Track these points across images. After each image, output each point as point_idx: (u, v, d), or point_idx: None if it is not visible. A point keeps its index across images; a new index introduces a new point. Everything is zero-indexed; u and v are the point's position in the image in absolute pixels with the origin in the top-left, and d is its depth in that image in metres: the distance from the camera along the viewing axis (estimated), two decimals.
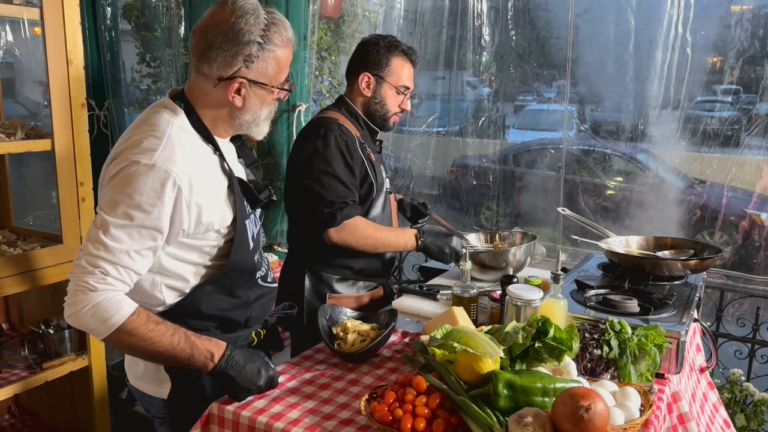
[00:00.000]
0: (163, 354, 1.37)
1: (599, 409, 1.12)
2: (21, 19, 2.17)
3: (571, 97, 3.45)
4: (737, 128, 2.84)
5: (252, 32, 1.39)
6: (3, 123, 2.34)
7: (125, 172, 1.33)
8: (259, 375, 1.44)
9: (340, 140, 2.02)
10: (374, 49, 2.11)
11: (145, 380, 1.57)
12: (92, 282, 1.30)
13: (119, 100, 3.84)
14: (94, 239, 1.32)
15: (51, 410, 2.72)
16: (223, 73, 1.41)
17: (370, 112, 2.17)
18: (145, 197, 1.32)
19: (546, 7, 3.55)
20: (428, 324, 1.78)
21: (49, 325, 2.39)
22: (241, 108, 1.47)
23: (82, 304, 1.30)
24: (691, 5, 2.77)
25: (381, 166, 2.22)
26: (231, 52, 1.39)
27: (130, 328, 1.32)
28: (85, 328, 1.34)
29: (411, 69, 2.17)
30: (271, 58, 1.43)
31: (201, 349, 1.39)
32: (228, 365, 1.40)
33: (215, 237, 1.47)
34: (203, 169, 1.42)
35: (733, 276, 2.82)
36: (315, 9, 3.26)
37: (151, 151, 1.34)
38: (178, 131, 1.41)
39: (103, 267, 1.31)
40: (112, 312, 1.30)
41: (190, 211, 1.38)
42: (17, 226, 2.62)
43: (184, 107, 1.46)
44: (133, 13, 3.91)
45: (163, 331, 1.36)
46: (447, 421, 1.24)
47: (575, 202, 3.53)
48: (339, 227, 1.99)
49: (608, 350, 1.49)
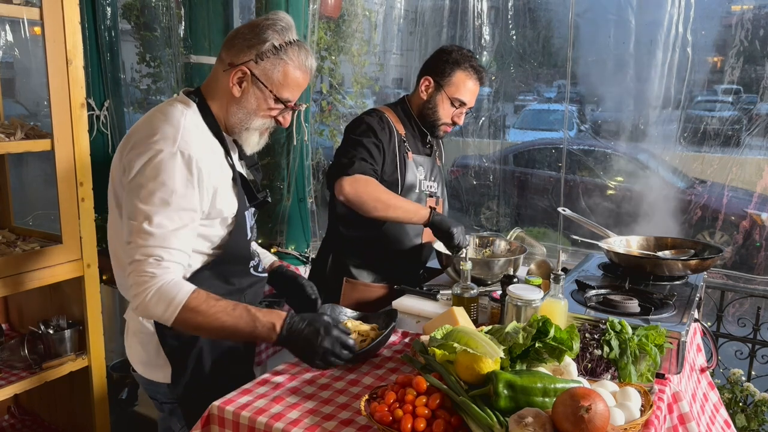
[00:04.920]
0: (229, 328, 1.42)
1: (600, 410, 1.12)
2: (21, 18, 2.16)
3: (571, 97, 3.45)
4: (738, 128, 2.84)
5: (273, 37, 1.50)
6: (3, 123, 2.34)
7: (152, 162, 1.40)
8: (321, 336, 1.41)
9: (375, 123, 2.12)
10: (444, 57, 2.17)
11: (149, 366, 1.61)
12: (150, 269, 1.37)
13: (119, 100, 3.83)
14: (139, 232, 1.38)
15: (51, 410, 2.72)
16: (234, 59, 1.51)
17: (422, 115, 2.23)
18: (177, 181, 1.40)
19: (546, 6, 3.54)
20: (428, 324, 1.78)
21: (49, 325, 2.39)
22: (238, 102, 1.53)
23: (146, 292, 1.36)
24: (691, 5, 2.77)
25: (421, 168, 2.24)
26: (248, 43, 1.50)
27: (193, 305, 1.38)
28: (154, 316, 1.41)
29: (474, 86, 2.19)
30: (281, 66, 1.51)
31: (263, 320, 1.43)
32: (289, 333, 1.42)
33: (220, 225, 1.55)
34: (213, 158, 1.50)
35: (734, 276, 2.81)
36: (315, 8, 3.26)
37: (171, 138, 1.42)
38: (190, 121, 1.49)
39: (157, 254, 1.38)
40: (175, 293, 1.37)
41: (208, 193, 1.47)
42: (17, 226, 2.61)
43: (197, 101, 1.55)
44: (133, 13, 3.91)
45: (224, 306, 1.42)
46: (447, 421, 1.24)
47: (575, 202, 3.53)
48: (353, 178, 2.00)
49: (609, 350, 1.49)
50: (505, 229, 3.67)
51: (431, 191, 2.28)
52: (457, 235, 2.08)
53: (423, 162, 2.26)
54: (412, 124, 2.25)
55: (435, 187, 2.30)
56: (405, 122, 2.23)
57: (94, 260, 2.37)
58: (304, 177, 3.45)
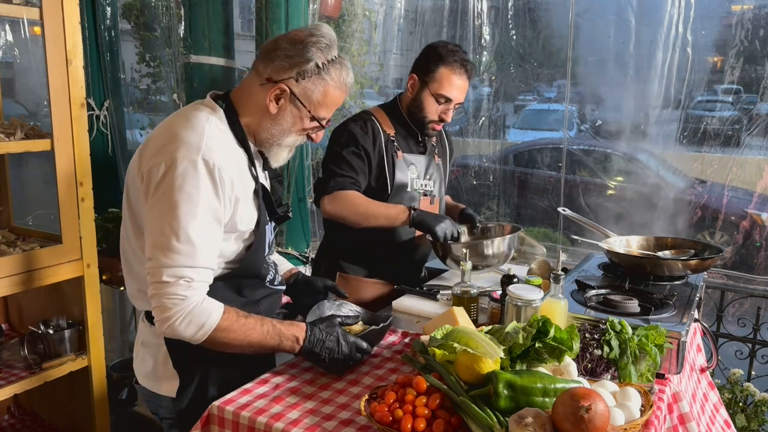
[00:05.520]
0: (256, 344, 1.45)
1: (600, 410, 1.12)
2: (20, 18, 2.16)
3: (571, 97, 3.45)
4: (738, 128, 2.84)
5: (317, 55, 1.45)
6: (3, 123, 2.33)
7: (175, 172, 1.34)
8: (341, 345, 1.51)
9: (357, 130, 2.13)
10: (429, 53, 2.16)
11: (154, 378, 1.56)
12: (180, 292, 1.33)
13: (119, 100, 3.83)
14: (164, 248, 1.33)
15: (51, 410, 2.72)
16: (273, 75, 1.46)
17: (410, 113, 2.22)
18: (202, 192, 1.35)
19: (546, 6, 3.54)
20: (428, 324, 1.77)
21: (49, 325, 2.39)
22: (273, 118, 1.49)
23: (176, 316, 1.34)
24: (691, 5, 2.77)
25: (413, 167, 2.23)
26: (290, 61, 1.45)
27: (225, 326, 1.39)
28: (183, 338, 1.38)
29: (460, 81, 2.14)
30: (321, 86, 1.47)
31: (287, 334, 1.47)
32: (311, 344, 1.48)
33: (235, 240, 1.50)
34: (236, 168, 1.45)
35: (734, 276, 2.82)
36: (315, 8, 3.27)
37: (195, 146, 1.36)
38: (215, 128, 1.43)
39: (187, 275, 1.34)
40: (207, 315, 1.36)
41: (230, 204, 1.43)
42: (17, 226, 2.61)
43: (225, 107, 1.49)
44: (133, 13, 3.91)
45: (253, 324, 1.44)
46: (447, 421, 1.24)
47: (576, 202, 3.52)
48: (332, 196, 2.06)
49: (609, 350, 1.49)
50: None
51: (426, 190, 2.27)
52: (440, 231, 2.08)
53: (416, 161, 2.24)
54: (403, 123, 2.24)
55: (431, 186, 2.29)
56: (396, 122, 2.23)
57: (94, 260, 2.37)
58: (303, 177, 3.45)
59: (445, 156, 2.45)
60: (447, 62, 2.11)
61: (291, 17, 3.12)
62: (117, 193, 3.92)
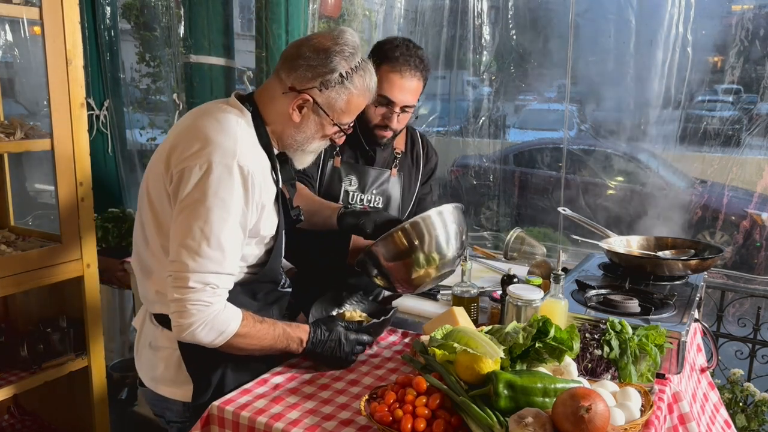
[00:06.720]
0: (267, 348, 1.48)
1: (600, 410, 1.11)
2: (20, 18, 2.17)
3: (571, 97, 3.44)
4: (738, 128, 2.84)
5: (341, 65, 1.43)
6: (2, 123, 2.33)
7: (210, 176, 1.32)
8: (342, 344, 1.55)
9: None
10: (374, 50, 1.97)
11: (164, 382, 1.53)
12: (206, 299, 1.34)
13: (119, 100, 3.83)
14: (196, 253, 1.32)
15: (51, 410, 2.72)
16: (296, 84, 1.44)
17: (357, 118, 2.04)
18: (235, 198, 1.35)
19: (546, 6, 3.54)
20: (428, 324, 1.77)
21: (49, 325, 2.39)
22: (297, 126, 1.48)
23: (199, 323, 1.34)
24: (691, 4, 2.77)
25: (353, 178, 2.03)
26: (314, 70, 1.43)
27: (243, 332, 1.41)
28: (201, 343, 1.38)
29: (401, 81, 1.89)
30: (345, 95, 1.46)
31: (294, 337, 1.51)
32: (314, 345, 1.53)
33: (256, 245, 1.51)
34: (261, 172, 1.44)
35: (734, 276, 2.82)
36: (315, 8, 3.26)
37: (231, 151, 1.35)
38: (245, 132, 1.43)
39: (213, 282, 1.34)
40: (228, 322, 1.38)
41: (257, 210, 1.43)
42: (16, 226, 2.61)
43: (252, 110, 1.48)
44: (133, 13, 3.91)
45: (267, 329, 1.46)
46: (447, 421, 1.24)
47: (576, 202, 3.52)
48: None
49: (609, 350, 1.49)
50: (505, 229, 3.66)
51: (369, 207, 2.01)
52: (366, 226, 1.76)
53: (358, 171, 2.01)
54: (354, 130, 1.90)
55: (376, 202, 2.04)
56: None
57: (93, 260, 2.37)
58: None
59: (413, 171, 2.17)
60: (389, 60, 1.87)
61: (291, 17, 3.12)
62: (117, 193, 3.92)
